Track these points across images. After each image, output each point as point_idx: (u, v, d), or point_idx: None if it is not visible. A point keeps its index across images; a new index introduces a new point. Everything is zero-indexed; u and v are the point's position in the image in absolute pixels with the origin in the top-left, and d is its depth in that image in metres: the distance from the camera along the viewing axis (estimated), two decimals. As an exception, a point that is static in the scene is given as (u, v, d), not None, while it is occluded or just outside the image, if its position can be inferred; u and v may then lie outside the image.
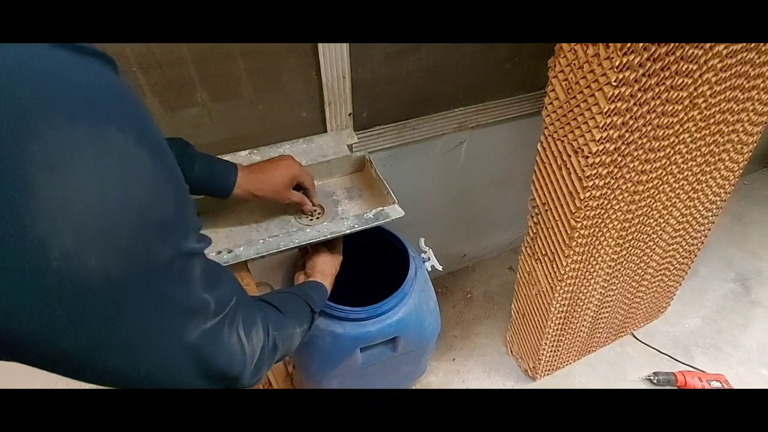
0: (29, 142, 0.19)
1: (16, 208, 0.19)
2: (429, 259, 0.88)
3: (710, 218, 1.04)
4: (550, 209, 0.80)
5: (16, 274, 0.20)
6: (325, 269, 0.65)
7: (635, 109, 0.64)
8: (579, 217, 0.75)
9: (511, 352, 1.20)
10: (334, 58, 0.73)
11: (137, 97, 0.26)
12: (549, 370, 1.16)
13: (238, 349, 0.35)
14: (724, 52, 0.67)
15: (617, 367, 1.19)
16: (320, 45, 0.71)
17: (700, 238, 1.10)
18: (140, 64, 0.62)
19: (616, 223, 0.83)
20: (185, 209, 0.28)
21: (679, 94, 0.67)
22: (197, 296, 0.30)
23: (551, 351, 1.08)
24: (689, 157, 0.82)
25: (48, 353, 0.23)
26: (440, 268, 0.88)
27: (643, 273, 1.05)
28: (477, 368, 1.18)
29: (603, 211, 0.78)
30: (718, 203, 1.01)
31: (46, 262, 0.20)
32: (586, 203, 0.73)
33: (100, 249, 0.22)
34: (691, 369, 1.17)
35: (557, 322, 0.98)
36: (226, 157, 0.75)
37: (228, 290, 0.35)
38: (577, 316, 1.01)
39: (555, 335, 1.03)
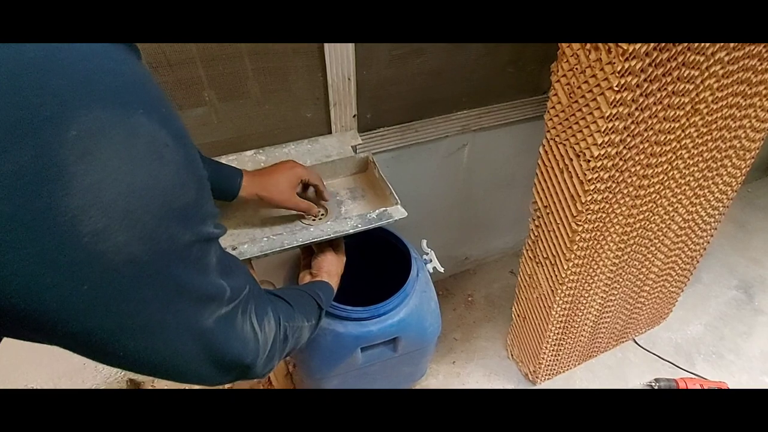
0: (66, 123, 0.20)
1: (50, 184, 0.20)
2: (431, 261, 0.89)
3: (713, 224, 1.04)
4: (552, 212, 0.80)
5: (48, 249, 0.20)
6: (331, 269, 0.65)
7: (637, 113, 0.65)
8: (580, 221, 0.75)
9: (512, 355, 1.20)
10: (340, 60, 0.74)
11: (158, 85, 0.27)
12: (549, 375, 1.15)
13: (252, 337, 0.36)
14: (726, 58, 0.67)
15: (618, 372, 1.19)
16: (326, 47, 0.72)
17: (703, 244, 1.09)
18: (150, 63, 0.63)
19: (617, 227, 0.83)
20: (204, 195, 0.29)
21: (680, 100, 0.68)
22: (214, 282, 0.31)
23: (552, 355, 1.07)
24: (691, 162, 0.82)
25: (74, 333, 0.24)
26: (442, 269, 0.88)
27: (644, 278, 1.05)
28: (477, 371, 1.18)
29: (604, 215, 0.79)
30: (721, 209, 1.01)
31: (77, 238, 0.21)
32: (587, 207, 0.74)
33: (127, 229, 0.22)
34: (693, 376, 1.17)
35: (558, 325, 0.99)
36: (232, 157, 0.76)
37: (241, 279, 0.35)
38: (578, 320, 1.01)
39: (556, 339, 1.02)
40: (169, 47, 0.63)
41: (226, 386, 1.13)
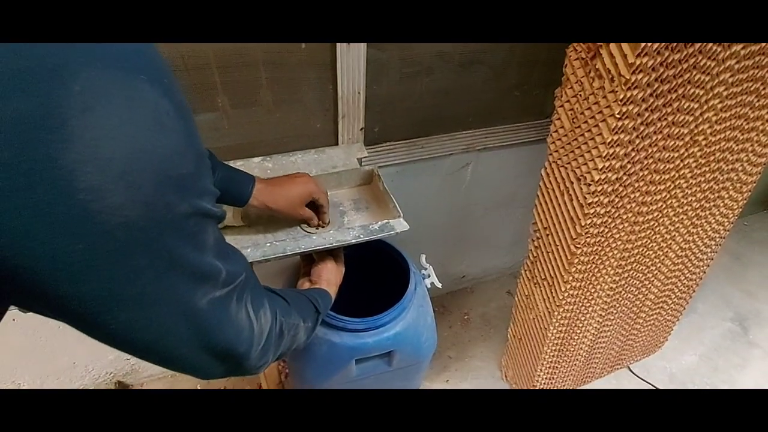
0: (70, 76, 0.21)
1: (50, 134, 0.20)
2: (429, 276, 0.89)
3: (709, 254, 1.06)
4: (551, 234, 0.81)
5: (43, 201, 0.20)
6: (331, 278, 0.65)
7: (638, 141, 0.67)
8: (579, 244, 0.76)
9: (506, 377, 1.19)
10: (352, 74, 0.77)
11: (164, 59, 0.27)
12: (543, 398, 1.14)
13: (246, 325, 0.35)
14: (725, 93, 0.70)
15: (612, 399, 1.18)
16: (339, 60, 0.74)
17: (699, 273, 1.10)
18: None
19: (615, 252, 0.84)
20: (203, 171, 0.29)
21: (680, 131, 0.70)
22: (209, 261, 0.30)
23: (546, 378, 1.07)
24: (689, 192, 0.84)
25: (64, 296, 0.23)
26: (440, 285, 0.89)
27: (641, 305, 1.05)
28: (470, 391, 1.17)
29: (603, 239, 0.80)
30: (717, 240, 1.02)
31: (72, 193, 0.21)
32: (586, 230, 0.75)
33: (123, 191, 0.22)
34: (687, 407, 1.16)
35: (554, 348, 0.98)
36: (240, 163, 0.78)
37: (239, 265, 0.35)
38: (574, 343, 1.01)
39: (551, 362, 1.02)
40: (188, 52, 0.65)
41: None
